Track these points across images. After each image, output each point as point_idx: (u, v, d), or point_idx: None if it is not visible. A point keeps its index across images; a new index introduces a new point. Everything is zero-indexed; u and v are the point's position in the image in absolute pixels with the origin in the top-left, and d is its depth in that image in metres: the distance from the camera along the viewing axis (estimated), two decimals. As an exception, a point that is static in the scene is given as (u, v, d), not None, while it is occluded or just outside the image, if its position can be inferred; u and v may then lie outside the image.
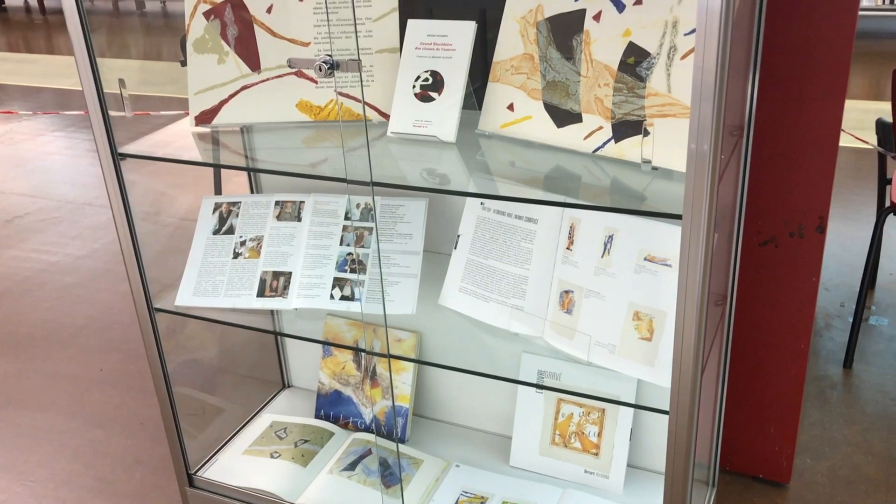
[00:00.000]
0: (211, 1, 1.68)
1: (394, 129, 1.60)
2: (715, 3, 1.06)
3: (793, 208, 1.84)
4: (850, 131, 4.26)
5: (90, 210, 4.23)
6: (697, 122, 1.13)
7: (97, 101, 1.58)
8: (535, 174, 1.45)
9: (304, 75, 1.68)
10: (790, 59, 1.72)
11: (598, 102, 1.42)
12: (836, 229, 3.59)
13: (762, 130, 1.79)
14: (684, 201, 1.18)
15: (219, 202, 1.88)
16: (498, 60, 1.56)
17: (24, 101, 6.14)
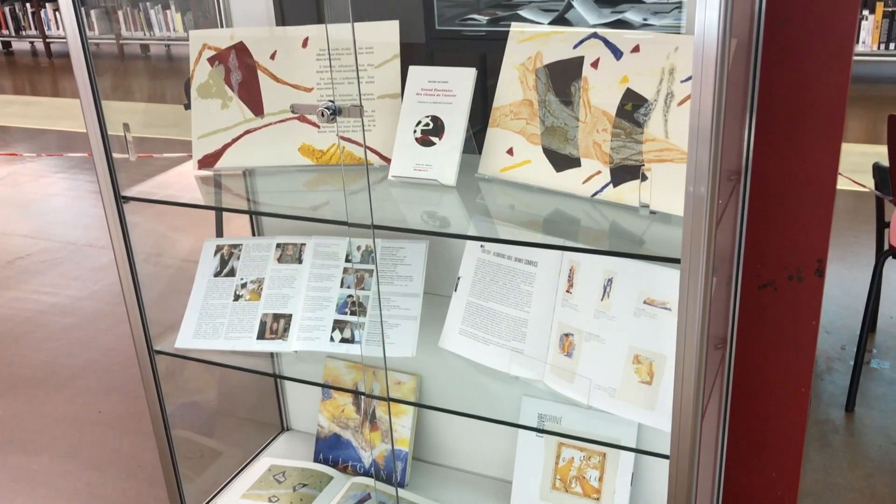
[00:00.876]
0: (215, 47, 1.71)
1: (395, 173, 1.62)
2: (710, 52, 1.08)
3: (791, 252, 1.85)
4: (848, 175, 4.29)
5: (91, 251, 4.25)
6: (695, 166, 1.14)
7: (101, 145, 1.60)
8: (535, 217, 1.46)
9: (306, 120, 1.71)
10: (786, 103, 1.74)
11: (597, 147, 1.44)
12: (836, 272, 3.60)
13: (759, 174, 1.80)
14: (682, 245, 1.19)
15: (220, 244, 1.89)
16: (497, 106, 1.58)
17: (29, 142, 6.20)
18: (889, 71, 6.49)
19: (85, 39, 1.54)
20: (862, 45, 6.01)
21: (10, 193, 5.15)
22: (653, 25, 1.78)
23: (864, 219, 4.01)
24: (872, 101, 5.90)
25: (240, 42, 1.71)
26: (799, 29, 1.66)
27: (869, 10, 5.90)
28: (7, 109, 7.20)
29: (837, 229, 3.84)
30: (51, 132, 6.46)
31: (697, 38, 1.08)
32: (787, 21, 1.66)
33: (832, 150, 1.76)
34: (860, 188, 4.28)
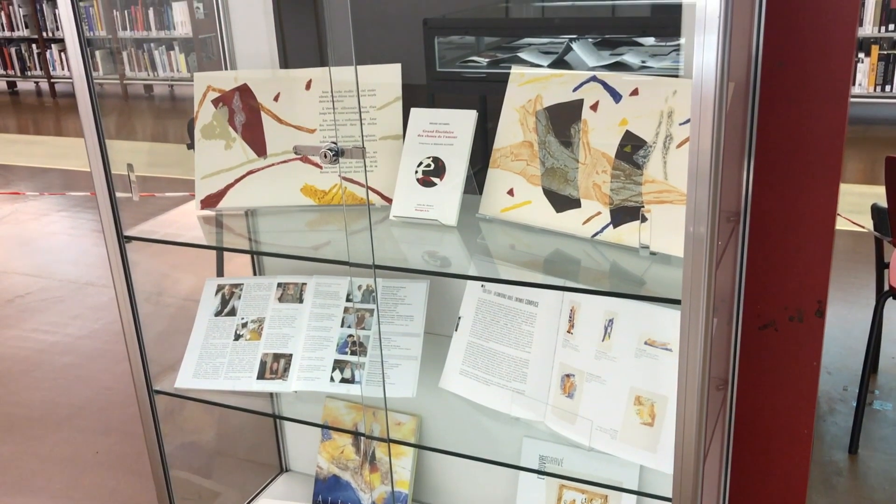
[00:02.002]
0: (220, 89, 1.73)
1: (396, 213, 1.63)
2: (708, 95, 1.10)
3: (791, 292, 1.85)
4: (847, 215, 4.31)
5: (92, 290, 4.25)
6: (694, 207, 1.15)
7: (105, 185, 1.61)
8: (536, 258, 1.47)
9: (309, 160, 1.72)
10: (784, 145, 1.76)
11: (597, 188, 1.45)
12: (837, 312, 3.60)
13: (759, 215, 1.81)
14: (683, 286, 1.20)
15: (221, 284, 1.89)
16: (498, 147, 1.60)
17: (31, 181, 6.23)
18: (885, 112, 6.55)
19: (91, 80, 1.56)
20: (858, 88, 6.07)
21: (12, 232, 5.17)
22: (651, 68, 1.80)
23: (864, 259, 4.02)
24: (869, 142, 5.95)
25: (244, 84, 1.73)
26: (795, 72, 1.68)
27: (864, 53, 5.97)
28: (11, 148, 7.25)
29: (837, 269, 3.85)
30: (54, 171, 6.50)
31: (696, 82, 1.10)
32: (784, 64, 1.68)
33: (831, 192, 1.77)
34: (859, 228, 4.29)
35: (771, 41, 1.63)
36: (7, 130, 7.98)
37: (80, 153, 6.77)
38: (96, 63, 8.56)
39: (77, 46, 1.54)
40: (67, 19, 1.53)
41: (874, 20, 5.85)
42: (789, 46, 1.66)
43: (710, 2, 1.06)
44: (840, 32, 1.65)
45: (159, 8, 8.32)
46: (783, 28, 1.65)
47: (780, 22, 1.64)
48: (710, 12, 1.06)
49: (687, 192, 1.14)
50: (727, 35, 1.07)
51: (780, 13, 1.63)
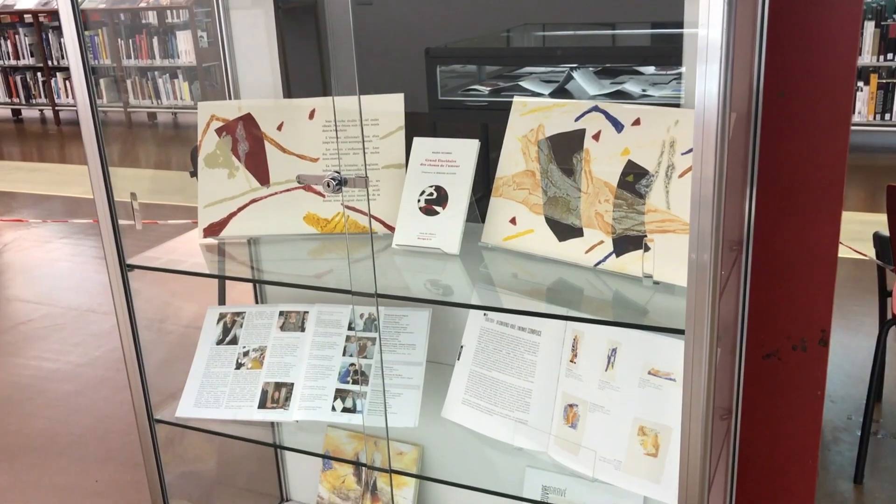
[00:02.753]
0: (223, 118, 1.74)
1: (399, 242, 1.63)
2: (711, 126, 1.10)
3: (795, 321, 1.85)
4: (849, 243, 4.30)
5: (93, 317, 4.24)
6: (697, 236, 1.15)
7: (108, 213, 1.61)
8: (538, 287, 1.47)
9: (311, 189, 1.73)
10: (786, 174, 1.76)
11: (599, 217, 1.45)
12: (840, 341, 3.58)
13: (761, 245, 1.81)
14: (686, 316, 1.19)
15: (223, 312, 1.89)
16: (500, 176, 1.60)
17: (34, 208, 6.25)
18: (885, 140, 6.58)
19: (95, 108, 1.57)
20: (858, 116, 6.10)
21: (15, 259, 5.17)
22: (652, 96, 1.82)
23: (867, 287, 4.01)
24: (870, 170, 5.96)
25: (247, 113, 1.74)
26: (797, 102, 1.69)
27: (864, 82, 6.01)
28: (14, 175, 7.28)
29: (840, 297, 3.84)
30: (57, 198, 6.52)
31: (697, 112, 1.10)
32: (785, 94, 1.69)
33: (833, 220, 1.77)
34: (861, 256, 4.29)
35: (772, 71, 1.64)
36: (11, 157, 8.02)
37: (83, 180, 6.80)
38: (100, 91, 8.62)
39: (82, 75, 1.55)
40: (73, 48, 1.54)
41: (873, 49, 5.89)
42: (790, 76, 1.68)
43: (711, 31, 1.06)
44: (840, 62, 1.66)
45: (164, 37, 8.40)
46: (784, 58, 1.66)
47: (780, 52, 1.65)
48: (712, 42, 1.07)
49: (690, 220, 1.15)
50: (729, 64, 1.08)
51: (780, 44, 1.64)
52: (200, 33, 8.28)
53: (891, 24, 5.80)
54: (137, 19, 8.67)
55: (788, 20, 1.63)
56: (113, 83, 8.87)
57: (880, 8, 5.82)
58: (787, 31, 1.64)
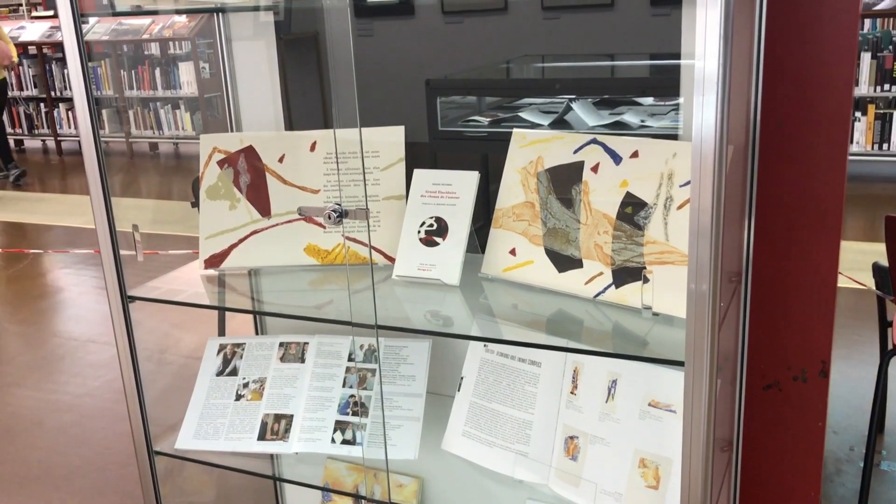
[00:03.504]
0: (225, 150, 1.76)
1: (399, 273, 1.64)
2: (708, 157, 1.11)
3: (795, 352, 1.85)
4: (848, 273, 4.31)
5: (93, 347, 4.23)
6: (696, 265, 1.16)
7: (110, 245, 1.62)
8: (538, 318, 1.47)
9: (312, 220, 1.74)
10: (785, 205, 1.77)
11: (598, 249, 1.46)
12: (841, 371, 3.57)
13: (760, 276, 1.82)
14: (686, 348, 1.20)
15: (223, 343, 1.89)
16: (500, 207, 1.61)
17: (35, 239, 6.26)
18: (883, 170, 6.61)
19: (98, 140, 1.58)
20: (856, 146, 6.14)
21: (16, 289, 5.17)
22: (650, 127, 1.83)
23: (867, 316, 4.00)
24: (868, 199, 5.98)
25: (249, 146, 1.75)
26: (794, 133, 1.71)
27: (861, 112, 6.05)
28: (17, 206, 7.31)
29: (840, 327, 3.83)
30: (58, 228, 6.54)
31: (695, 144, 1.11)
32: (783, 126, 1.70)
33: (832, 251, 1.77)
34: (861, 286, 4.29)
35: (769, 103, 1.66)
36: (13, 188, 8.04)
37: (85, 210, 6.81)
38: (103, 121, 8.68)
39: (85, 106, 1.56)
40: (77, 80, 1.56)
41: (870, 80, 5.94)
42: (787, 108, 1.69)
43: (708, 63, 1.08)
44: (836, 94, 1.68)
45: (166, 68, 8.47)
46: (781, 90, 1.68)
47: (777, 84, 1.67)
48: (709, 73, 1.08)
49: (688, 251, 1.15)
50: (725, 95, 1.09)
51: (777, 75, 1.66)
52: (203, 64, 8.35)
53: (887, 55, 5.85)
54: (140, 51, 8.76)
55: (785, 52, 1.65)
56: (115, 113, 8.93)
57: (876, 39, 5.88)
58: (783, 62, 1.66)
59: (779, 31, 1.63)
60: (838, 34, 1.64)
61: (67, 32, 1.53)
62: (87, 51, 1.55)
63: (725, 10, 1.06)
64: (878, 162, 6.45)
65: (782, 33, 1.63)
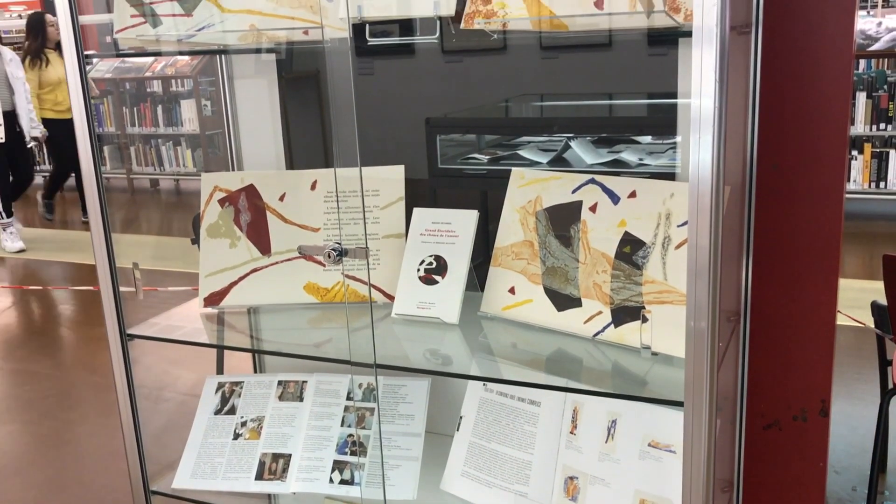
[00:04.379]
0: (226, 189, 1.77)
1: (398, 311, 1.64)
2: (705, 198, 1.12)
3: (794, 391, 1.84)
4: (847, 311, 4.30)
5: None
6: (694, 303, 1.16)
7: (110, 284, 1.62)
8: (537, 357, 1.47)
9: (312, 258, 1.74)
10: (782, 245, 1.78)
11: (597, 288, 1.47)
12: (842, 409, 3.55)
13: (759, 315, 1.82)
14: (685, 388, 1.20)
15: (222, 382, 1.89)
16: (499, 246, 1.62)
17: (34, 275, 6.26)
18: (880, 208, 6.64)
19: (99, 177, 1.59)
20: (853, 184, 6.17)
21: (12, 325, 5.16)
22: (648, 165, 1.84)
23: (867, 355, 3.99)
24: (866, 237, 6.00)
25: (250, 184, 1.76)
26: (790, 173, 1.72)
27: (858, 151, 6.09)
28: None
29: (840, 365, 3.82)
30: (56, 264, 6.54)
31: (692, 184, 1.12)
32: (778, 167, 1.72)
33: (830, 289, 1.78)
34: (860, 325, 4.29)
35: (765, 144, 1.67)
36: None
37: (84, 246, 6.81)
38: (104, 158, 8.72)
39: (88, 144, 1.58)
40: (80, 118, 1.57)
41: (865, 119, 5.99)
42: (783, 149, 1.71)
43: (704, 102, 1.09)
44: (832, 134, 1.69)
45: (168, 105, 8.54)
46: (777, 130, 1.69)
47: (773, 125, 1.68)
48: (705, 112, 1.10)
49: (687, 289, 1.16)
50: (722, 134, 1.10)
51: (773, 116, 1.68)
52: (204, 102, 8.42)
53: (882, 94, 5.91)
54: (142, 88, 8.84)
55: (780, 94, 1.67)
56: (116, 150, 8.99)
57: (871, 79, 5.95)
58: (779, 103, 1.68)
59: (774, 71, 1.65)
60: (833, 75, 1.66)
61: (72, 72, 1.55)
62: (89, 88, 1.57)
63: (721, 51, 1.08)
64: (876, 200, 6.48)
65: (778, 74, 1.66)
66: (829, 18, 1.63)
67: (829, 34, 1.64)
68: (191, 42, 1.62)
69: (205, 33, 1.60)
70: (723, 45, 1.08)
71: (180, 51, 1.96)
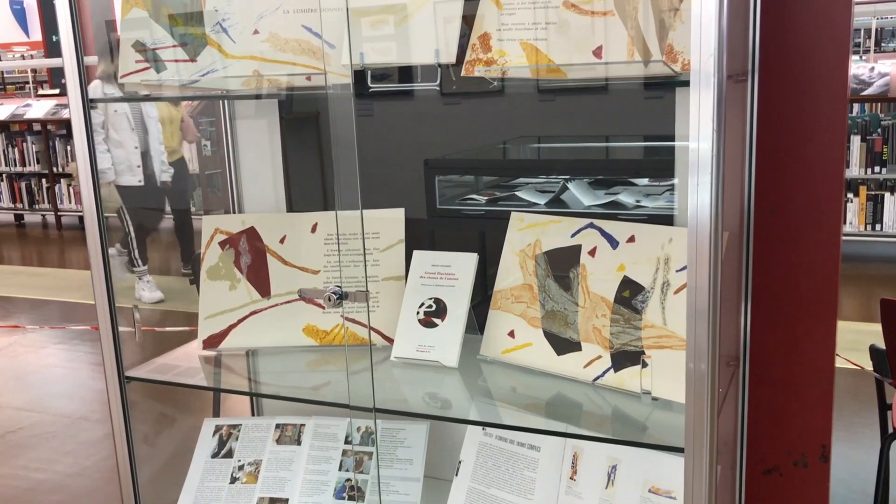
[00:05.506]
0: (227, 231, 1.78)
1: (397, 354, 1.64)
2: (704, 243, 1.13)
3: (794, 436, 1.83)
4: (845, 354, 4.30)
5: (85, 425, 4.18)
6: (694, 348, 1.16)
7: (109, 327, 1.62)
8: (537, 401, 1.47)
9: (312, 300, 1.74)
10: (780, 289, 1.79)
11: (597, 332, 1.47)
12: (842, 453, 3.53)
13: (758, 359, 1.82)
14: (685, 433, 1.19)
15: (219, 425, 1.87)
16: (499, 289, 1.63)
17: (32, 313, 6.25)
18: (877, 250, 6.67)
19: (101, 215, 1.60)
20: (849, 226, 6.20)
21: (8, 365, 5.14)
22: (646, 207, 1.85)
23: (865, 398, 3.98)
24: (862, 279, 6.02)
25: (251, 227, 1.77)
26: (787, 218, 1.73)
27: (853, 194, 6.14)
28: (13, 280, 7.31)
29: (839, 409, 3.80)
30: (54, 303, 6.53)
31: (691, 230, 1.13)
32: (776, 211, 1.73)
33: (828, 333, 1.78)
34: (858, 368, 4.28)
35: (762, 189, 1.69)
36: (11, 262, 8.07)
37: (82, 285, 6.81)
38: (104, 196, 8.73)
39: (90, 184, 1.59)
40: (82, 156, 1.58)
41: (860, 162, 6.05)
42: (780, 194, 1.72)
43: (702, 144, 1.11)
44: (828, 178, 1.71)
45: (168, 145, 8.58)
46: (774, 176, 1.71)
47: (770, 171, 1.70)
48: (703, 154, 1.11)
49: (686, 335, 1.16)
50: (720, 177, 1.12)
51: (770, 162, 1.69)
52: (204, 142, 8.47)
53: (876, 138, 5.97)
54: (143, 128, 8.88)
55: (777, 139, 1.69)
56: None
57: (865, 123, 6.01)
58: (775, 149, 1.70)
59: (770, 118, 1.67)
60: (828, 119, 1.68)
61: (76, 116, 1.56)
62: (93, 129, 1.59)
63: (718, 100, 1.10)
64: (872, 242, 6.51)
65: (774, 120, 1.68)
66: (823, 65, 1.66)
67: (824, 80, 1.67)
68: (194, 87, 1.64)
69: (208, 78, 1.62)
70: (720, 93, 1.10)
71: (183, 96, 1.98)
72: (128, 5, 1.65)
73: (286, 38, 1.57)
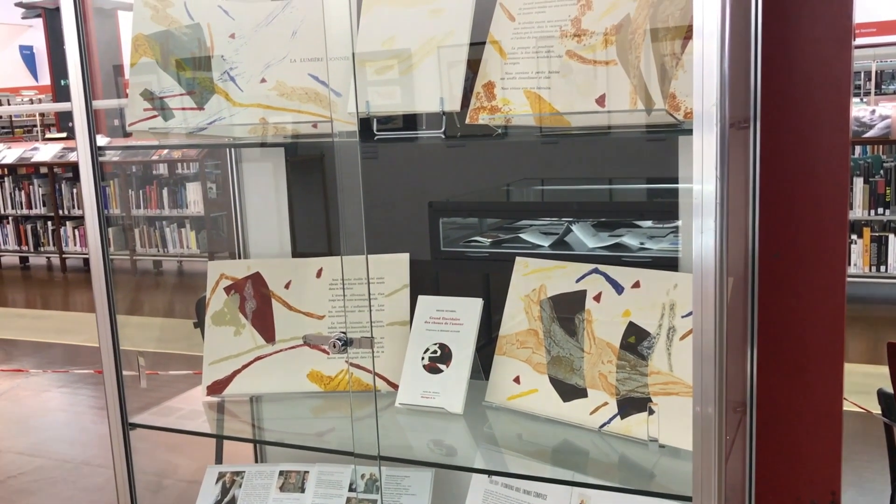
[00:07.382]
0: (232, 277, 1.78)
1: (402, 401, 1.63)
2: (709, 290, 1.13)
3: (803, 483, 1.81)
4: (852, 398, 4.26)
5: (87, 470, 4.14)
6: (701, 393, 1.15)
7: (114, 374, 1.62)
8: (543, 448, 1.46)
9: (316, 346, 1.74)
10: (786, 334, 1.78)
11: (603, 378, 1.46)
12: (852, 499, 3.48)
13: (765, 406, 1.80)
14: (693, 481, 1.18)
15: (222, 472, 1.86)
16: (504, 335, 1.62)
17: (35, 357, 6.23)
18: (882, 291, 6.65)
19: (107, 260, 1.61)
20: (854, 268, 6.19)
21: (10, 409, 5.11)
22: (650, 249, 1.86)
23: (874, 441, 3.93)
24: (867, 321, 5.99)
25: (256, 272, 1.78)
26: (791, 262, 1.73)
27: (857, 235, 6.14)
28: (17, 323, 7.31)
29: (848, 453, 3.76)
30: (57, 346, 6.52)
31: (696, 276, 1.14)
32: (780, 256, 1.73)
33: (835, 378, 1.77)
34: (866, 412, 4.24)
35: (766, 234, 1.69)
36: (15, 305, 8.07)
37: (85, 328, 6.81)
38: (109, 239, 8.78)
39: (97, 228, 1.60)
40: (90, 202, 1.59)
41: (863, 204, 6.06)
42: (784, 238, 1.72)
43: (706, 186, 1.11)
44: (831, 221, 1.71)
45: (173, 188, 8.65)
46: (777, 220, 1.71)
47: (774, 214, 1.71)
48: (707, 196, 1.12)
49: (693, 381, 1.16)
50: (724, 220, 1.12)
51: (773, 206, 1.70)
52: (210, 185, 8.53)
53: (879, 180, 5.99)
54: (149, 171, 8.97)
55: (780, 183, 1.70)
56: (121, 232, 9.06)
57: (868, 165, 6.04)
58: (778, 193, 1.70)
59: (773, 163, 1.68)
60: (830, 162, 1.69)
61: (84, 159, 1.58)
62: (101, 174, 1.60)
63: (721, 142, 1.11)
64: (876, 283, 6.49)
65: (776, 165, 1.69)
66: (824, 109, 1.67)
67: (826, 124, 1.68)
68: (201, 135, 1.66)
69: (215, 126, 1.64)
70: (723, 141, 1.11)
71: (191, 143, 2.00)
72: (137, 54, 1.67)
73: (293, 87, 1.59)
